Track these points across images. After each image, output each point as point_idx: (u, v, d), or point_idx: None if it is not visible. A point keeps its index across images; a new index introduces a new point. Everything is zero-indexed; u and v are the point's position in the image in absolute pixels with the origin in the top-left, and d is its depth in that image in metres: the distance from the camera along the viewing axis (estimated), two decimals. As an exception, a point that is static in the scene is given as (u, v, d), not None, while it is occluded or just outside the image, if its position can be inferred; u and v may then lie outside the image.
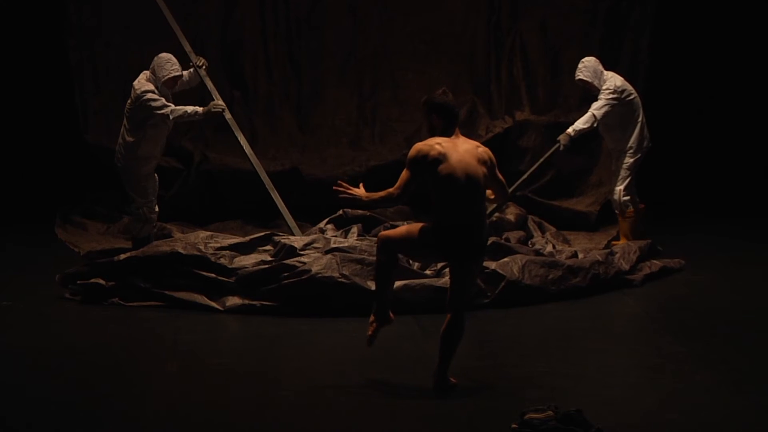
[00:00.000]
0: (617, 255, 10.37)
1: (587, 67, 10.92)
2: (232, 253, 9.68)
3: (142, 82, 10.28)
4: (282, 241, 9.88)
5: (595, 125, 10.91)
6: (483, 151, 7.29)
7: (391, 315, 7.41)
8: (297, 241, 9.88)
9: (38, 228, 12.06)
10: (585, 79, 10.91)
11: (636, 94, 11.04)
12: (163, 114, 10.21)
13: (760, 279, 10.51)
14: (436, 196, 7.19)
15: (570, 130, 10.89)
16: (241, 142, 10.86)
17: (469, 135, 12.94)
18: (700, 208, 13.37)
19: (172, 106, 10.24)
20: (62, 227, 11.96)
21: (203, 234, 9.96)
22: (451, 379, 7.34)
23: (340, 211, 10.83)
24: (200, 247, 9.62)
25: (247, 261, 9.63)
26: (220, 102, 10.59)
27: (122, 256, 9.66)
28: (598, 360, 8.12)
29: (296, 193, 11.82)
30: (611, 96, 10.84)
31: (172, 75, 10.32)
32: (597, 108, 10.83)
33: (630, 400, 7.15)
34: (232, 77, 13.25)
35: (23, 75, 13.15)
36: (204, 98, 11.18)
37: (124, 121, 10.39)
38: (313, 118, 13.22)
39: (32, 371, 7.79)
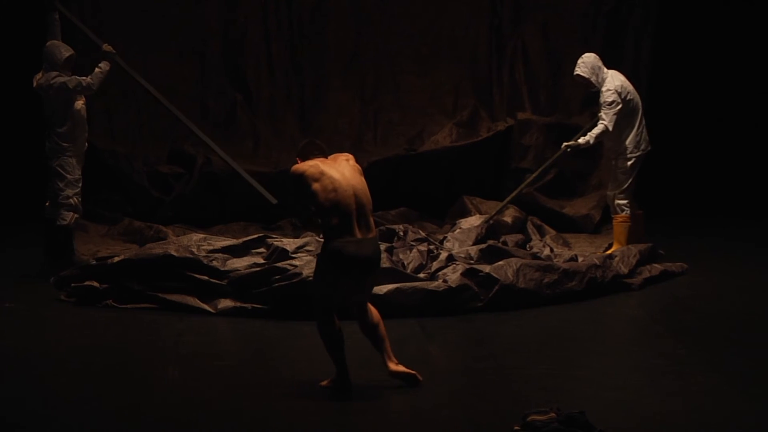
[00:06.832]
0: (616, 259, 10.31)
1: (585, 63, 10.89)
2: (225, 255, 9.67)
3: (43, 77, 10.48)
4: (275, 243, 9.87)
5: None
6: (354, 163, 7.31)
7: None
8: (289, 243, 9.86)
9: (38, 228, 12.04)
10: (582, 74, 10.87)
11: (636, 94, 10.97)
12: (86, 86, 10.45)
13: (762, 281, 10.51)
14: (325, 219, 7.13)
15: (582, 140, 10.80)
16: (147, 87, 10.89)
17: (471, 137, 13.03)
18: (701, 211, 13.38)
19: (85, 78, 10.46)
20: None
21: (196, 236, 9.95)
22: (407, 369, 7.30)
23: None
24: (193, 249, 9.61)
25: (240, 264, 9.61)
26: (107, 47, 10.67)
27: (116, 259, 9.67)
28: (600, 362, 8.11)
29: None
30: (614, 99, 10.73)
31: (69, 54, 10.51)
32: (609, 121, 10.71)
33: (632, 402, 7.13)
34: (235, 80, 13.26)
35: (24, 76, 13.13)
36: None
37: (51, 122, 10.49)
38: (316, 121, 13.23)
39: (31, 373, 7.77)
